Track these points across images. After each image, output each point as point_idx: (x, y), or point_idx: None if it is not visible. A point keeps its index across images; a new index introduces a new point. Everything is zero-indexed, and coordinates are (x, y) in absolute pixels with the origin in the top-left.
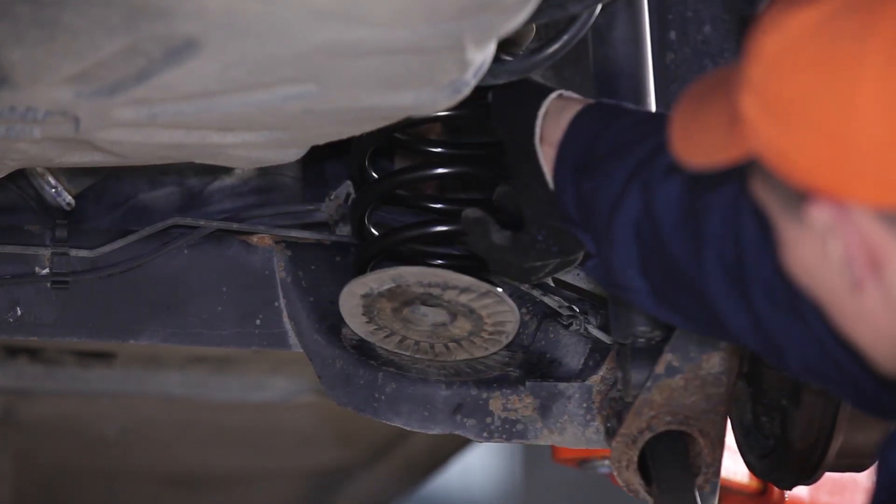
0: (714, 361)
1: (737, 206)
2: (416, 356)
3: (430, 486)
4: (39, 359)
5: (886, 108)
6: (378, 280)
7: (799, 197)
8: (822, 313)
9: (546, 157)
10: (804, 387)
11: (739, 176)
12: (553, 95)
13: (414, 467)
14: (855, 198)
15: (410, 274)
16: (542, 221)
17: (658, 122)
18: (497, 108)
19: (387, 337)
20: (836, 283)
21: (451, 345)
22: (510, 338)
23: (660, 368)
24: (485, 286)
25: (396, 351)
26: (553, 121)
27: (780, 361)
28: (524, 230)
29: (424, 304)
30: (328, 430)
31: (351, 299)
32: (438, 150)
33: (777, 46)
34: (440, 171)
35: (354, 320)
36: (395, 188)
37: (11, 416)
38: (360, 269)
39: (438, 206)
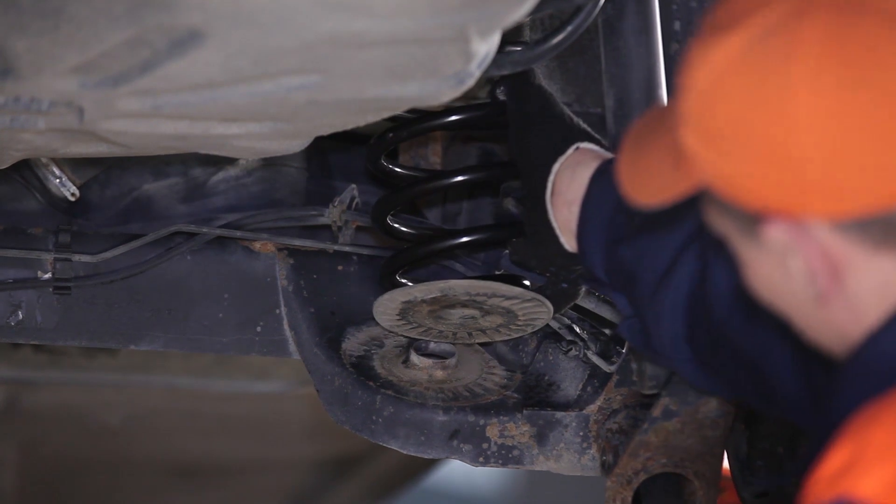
0: (711, 405)
1: None
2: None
3: (434, 477)
4: (44, 349)
5: (822, 121)
6: (425, 290)
7: (753, 220)
8: None
9: (558, 213)
10: (801, 438)
11: None
12: (570, 150)
13: (418, 458)
14: (807, 212)
15: (460, 286)
16: (551, 262)
17: None
18: (514, 128)
19: (411, 329)
20: (800, 298)
21: (475, 333)
22: (536, 328)
23: (657, 412)
24: (530, 294)
25: (418, 338)
26: (568, 175)
27: (827, 435)
28: (543, 286)
29: (465, 307)
30: (331, 420)
31: (390, 303)
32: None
33: (707, 78)
34: (472, 177)
35: (384, 317)
36: (425, 194)
37: (16, 405)
38: (391, 271)
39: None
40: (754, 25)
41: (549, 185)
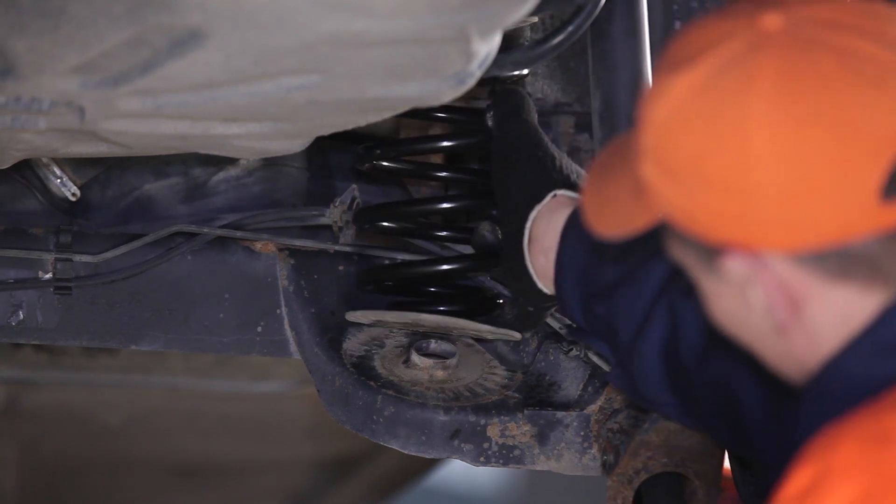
0: None
1: None
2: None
3: (434, 477)
4: (44, 349)
5: (778, 155)
6: (395, 317)
7: (712, 252)
8: None
9: (535, 260)
10: None
11: None
12: (547, 198)
13: (418, 458)
14: (765, 246)
15: (430, 321)
16: (526, 298)
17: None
18: (496, 164)
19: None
20: (760, 329)
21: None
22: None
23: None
24: (500, 331)
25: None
26: (545, 223)
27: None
28: (515, 300)
29: (434, 331)
30: (332, 420)
31: (363, 318)
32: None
33: (665, 112)
34: (458, 205)
35: (363, 319)
36: (409, 217)
37: (16, 405)
38: (368, 281)
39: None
40: (711, 60)
41: (526, 231)
